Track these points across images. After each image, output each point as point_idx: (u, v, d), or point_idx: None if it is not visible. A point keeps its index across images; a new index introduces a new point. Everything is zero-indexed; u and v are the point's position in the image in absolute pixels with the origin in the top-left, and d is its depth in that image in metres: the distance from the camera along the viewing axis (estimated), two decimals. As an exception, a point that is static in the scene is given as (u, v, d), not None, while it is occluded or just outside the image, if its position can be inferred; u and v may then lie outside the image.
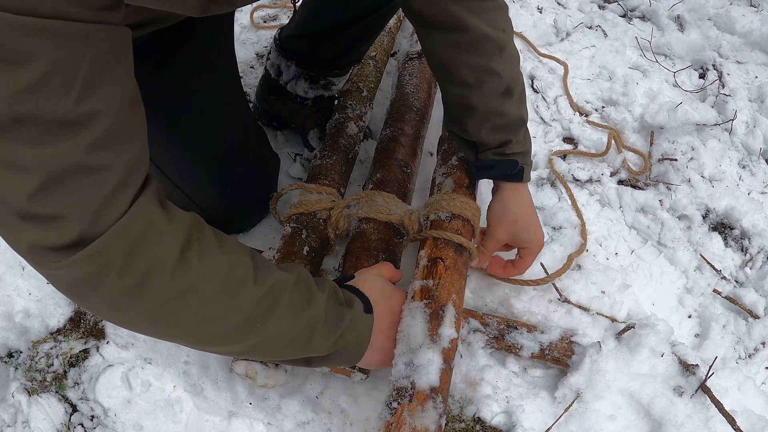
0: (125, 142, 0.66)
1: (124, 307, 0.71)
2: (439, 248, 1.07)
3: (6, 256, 1.21)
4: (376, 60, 1.59)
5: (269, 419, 1.09)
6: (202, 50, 1.05)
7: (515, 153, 1.11)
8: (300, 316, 0.82)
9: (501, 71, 1.04)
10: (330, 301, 0.87)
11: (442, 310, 0.96)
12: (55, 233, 0.63)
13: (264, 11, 1.93)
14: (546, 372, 1.18)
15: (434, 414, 0.85)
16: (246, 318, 0.78)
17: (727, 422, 1.05)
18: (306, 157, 1.50)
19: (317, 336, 0.84)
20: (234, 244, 0.81)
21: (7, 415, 1.08)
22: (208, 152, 1.14)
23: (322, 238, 1.20)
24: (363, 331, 0.91)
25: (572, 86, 1.77)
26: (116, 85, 0.63)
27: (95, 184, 0.63)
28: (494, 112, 1.07)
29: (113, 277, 0.67)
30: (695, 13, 2.04)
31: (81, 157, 0.60)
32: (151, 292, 0.70)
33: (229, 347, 0.83)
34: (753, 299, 1.34)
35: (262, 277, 0.80)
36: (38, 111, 0.57)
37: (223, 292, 0.75)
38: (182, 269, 0.71)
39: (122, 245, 0.66)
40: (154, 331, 0.80)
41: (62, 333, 1.16)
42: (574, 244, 1.37)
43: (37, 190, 0.60)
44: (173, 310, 0.73)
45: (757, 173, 1.65)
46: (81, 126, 0.60)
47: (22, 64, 0.54)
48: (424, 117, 1.45)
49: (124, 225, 0.65)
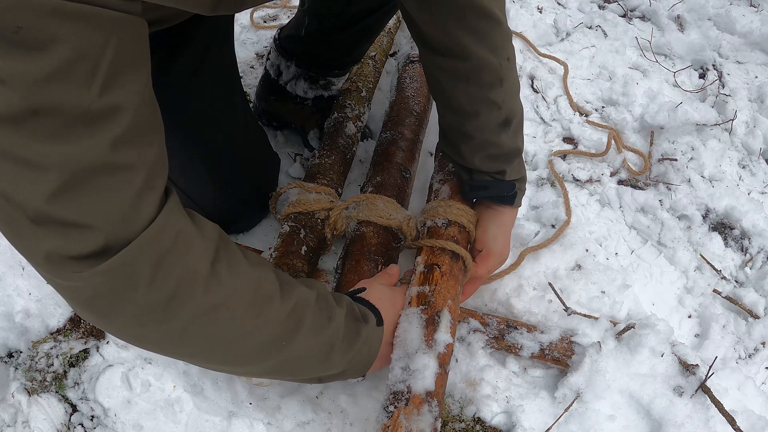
0: (147, 141, 0.61)
1: (150, 324, 0.65)
2: (436, 255, 1.08)
3: (6, 256, 1.21)
4: (375, 60, 1.59)
5: (269, 419, 1.09)
6: (203, 51, 1.05)
7: (511, 180, 1.11)
8: (323, 333, 0.80)
9: (500, 102, 1.02)
10: (348, 316, 0.86)
11: (438, 315, 0.98)
12: (76, 241, 0.57)
13: (264, 11, 1.93)
14: (546, 372, 1.18)
15: (429, 417, 0.88)
16: (273, 336, 0.75)
17: (727, 422, 1.06)
18: (306, 157, 1.50)
19: (335, 353, 0.83)
20: (258, 258, 0.78)
21: (7, 415, 1.08)
22: (209, 152, 1.14)
23: (320, 237, 1.20)
24: (374, 345, 0.91)
25: (572, 86, 1.77)
26: (138, 79, 0.59)
27: (119, 185, 0.58)
28: (490, 143, 1.06)
29: (141, 290, 0.61)
30: (695, 13, 2.04)
31: (105, 154, 0.55)
32: (182, 308, 0.65)
33: (251, 366, 0.80)
34: (753, 299, 1.34)
35: (287, 292, 0.77)
36: (59, 102, 0.52)
37: (252, 309, 0.71)
38: (214, 283, 0.66)
39: (152, 255, 0.60)
40: (176, 351, 0.74)
41: (62, 333, 1.16)
42: (568, 242, 1.37)
43: (56, 191, 0.54)
44: (202, 327, 0.68)
45: (757, 173, 1.65)
46: (105, 120, 0.55)
47: (43, 49, 0.49)
48: (423, 121, 1.46)
49: (155, 232, 0.60)
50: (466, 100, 1.02)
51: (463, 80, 1.00)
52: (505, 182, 1.11)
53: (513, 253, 1.26)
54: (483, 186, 1.12)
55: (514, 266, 1.29)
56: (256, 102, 1.54)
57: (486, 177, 1.11)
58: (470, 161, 1.10)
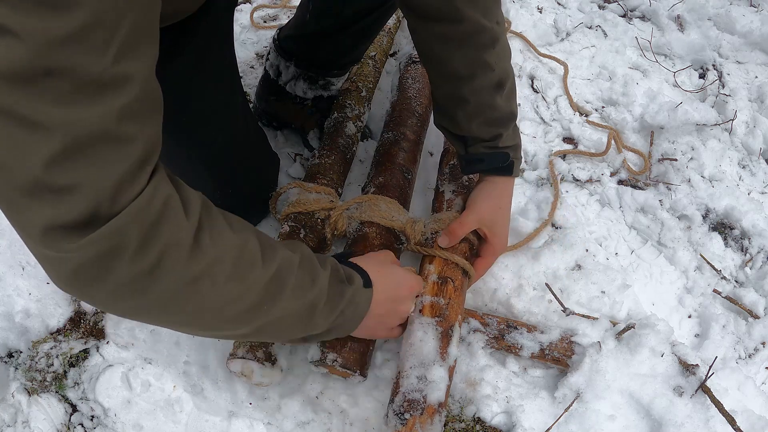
0: (149, 115, 0.62)
1: (133, 294, 0.66)
2: (450, 268, 1.11)
3: (6, 256, 1.21)
4: (375, 60, 1.59)
5: (269, 419, 1.09)
6: (203, 50, 1.05)
7: (506, 146, 1.11)
8: (305, 295, 0.81)
9: (493, 64, 1.04)
10: (332, 278, 0.86)
11: (451, 330, 1.03)
12: (67, 208, 0.57)
13: (264, 11, 1.93)
14: (546, 372, 1.18)
15: (439, 427, 0.95)
16: (255, 301, 0.76)
17: (727, 422, 1.06)
18: (306, 157, 1.50)
19: (319, 314, 0.84)
20: (242, 223, 0.79)
21: (7, 415, 1.08)
22: (209, 152, 1.14)
23: (320, 237, 1.20)
24: (361, 305, 0.92)
25: (572, 86, 1.77)
26: (149, 51, 0.59)
27: (118, 156, 0.58)
28: (486, 105, 1.07)
29: (126, 261, 0.61)
30: (695, 13, 2.04)
31: (110, 123, 0.56)
32: (165, 277, 0.65)
33: (234, 331, 0.81)
34: (753, 299, 1.34)
35: (269, 256, 0.78)
36: (73, 65, 0.52)
37: (234, 275, 0.72)
38: (197, 253, 0.67)
39: (139, 226, 0.61)
40: (160, 320, 0.75)
41: (62, 333, 1.16)
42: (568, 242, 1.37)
43: (56, 155, 0.54)
44: (185, 296, 0.69)
45: (757, 173, 1.65)
46: (115, 89, 0.55)
47: (65, 10, 0.50)
48: (425, 122, 1.46)
49: (143, 203, 0.60)
50: (460, 63, 1.03)
51: (457, 43, 1.01)
52: (500, 153, 1.11)
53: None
54: (479, 159, 1.13)
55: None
56: (256, 102, 1.54)
57: (481, 148, 1.11)
58: (467, 128, 1.10)
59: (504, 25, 1.07)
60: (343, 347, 1.02)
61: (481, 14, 1.00)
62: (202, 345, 1.16)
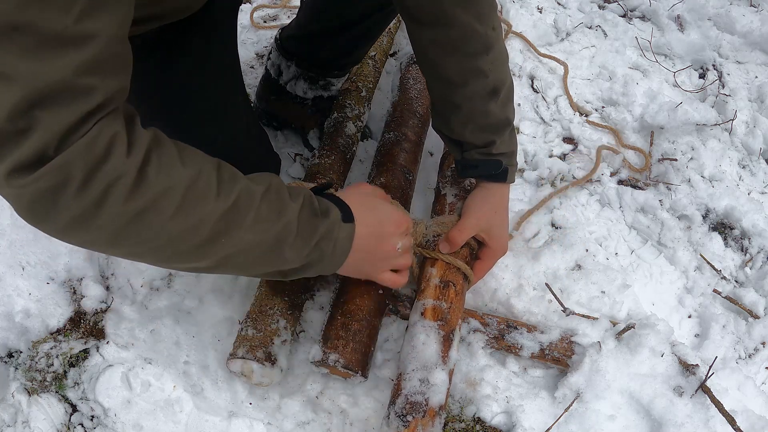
0: (111, 72, 0.66)
1: (83, 227, 0.69)
2: (452, 272, 1.11)
3: (6, 256, 1.21)
4: (375, 60, 1.59)
5: (269, 419, 1.09)
6: (205, 49, 1.05)
7: (500, 153, 1.11)
8: (269, 228, 0.80)
9: (488, 71, 1.03)
10: (304, 211, 0.84)
11: (452, 334, 1.04)
12: (23, 149, 0.62)
13: (264, 11, 1.93)
14: (546, 372, 1.18)
15: (439, 429, 0.96)
16: (209, 234, 0.76)
17: (727, 422, 1.06)
18: (306, 157, 1.50)
19: (288, 248, 0.82)
20: (197, 156, 0.78)
21: (7, 415, 1.08)
22: (209, 151, 1.13)
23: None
24: (342, 241, 0.89)
25: (572, 86, 1.77)
26: (116, 12, 0.63)
27: (74, 104, 0.63)
28: (479, 112, 1.06)
29: (72, 193, 0.65)
30: (695, 13, 2.04)
31: (68, 76, 0.61)
32: (109, 211, 0.68)
33: (194, 263, 0.81)
34: (753, 299, 1.34)
35: (226, 189, 0.77)
36: (38, 21, 0.57)
37: (183, 209, 0.73)
38: (141, 186, 0.69)
39: (84, 161, 0.65)
40: (115, 251, 0.78)
41: (62, 333, 1.16)
42: (568, 242, 1.37)
43: (17, 103, 0.59)
44: (133, 230, 0.71)
45: (757, 173, 1.65)
46: (75, 46, 0.60)
47: None
48: (426, 123, 1.46)
49: (90, 139, 0.65)
50: (453, 70, 1.03)
51: (450, 49, 1.01)
52: (493, 160, 1.11)
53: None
54: (473, 165, 1.12)
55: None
56: (256, 102, 1.54)
57: (476, 154, 1.11)
58: (460, 133, 1.09)
59: (500, 31, 1.06)
60: (345, 348, 1.02)
61: (473, 19, 0.98)
62: (202, 345, 1.16)
